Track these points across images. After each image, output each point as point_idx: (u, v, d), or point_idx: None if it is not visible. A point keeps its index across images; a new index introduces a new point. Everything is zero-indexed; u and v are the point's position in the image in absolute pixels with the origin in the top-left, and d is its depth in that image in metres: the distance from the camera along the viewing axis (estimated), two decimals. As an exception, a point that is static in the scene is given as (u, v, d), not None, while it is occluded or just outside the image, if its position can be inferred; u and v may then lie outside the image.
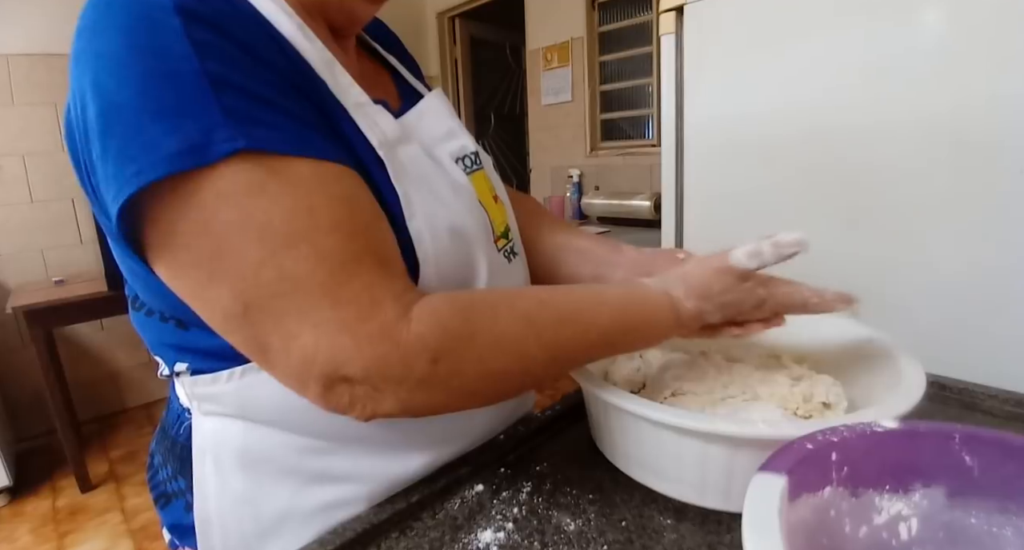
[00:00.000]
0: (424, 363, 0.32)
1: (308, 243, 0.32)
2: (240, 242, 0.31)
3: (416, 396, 0.33)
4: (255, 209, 0.31)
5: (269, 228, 0.31)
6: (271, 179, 0.31)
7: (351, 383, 0.32)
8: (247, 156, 0.31)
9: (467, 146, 0.48)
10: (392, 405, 0.33)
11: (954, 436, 0.28)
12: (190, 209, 0.31)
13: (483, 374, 0.35)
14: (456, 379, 0.34)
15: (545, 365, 0.37)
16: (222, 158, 0.30)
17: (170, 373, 0.43)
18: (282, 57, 0.35)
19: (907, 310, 0.80)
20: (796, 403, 0.44)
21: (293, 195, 0.32)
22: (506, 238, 0.49)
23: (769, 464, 0.26)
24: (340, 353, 0.31)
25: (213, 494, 0.42)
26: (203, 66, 0.30)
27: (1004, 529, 0.27)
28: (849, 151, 0.84)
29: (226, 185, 0.31)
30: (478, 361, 0.34)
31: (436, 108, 0.48)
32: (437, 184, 0.42)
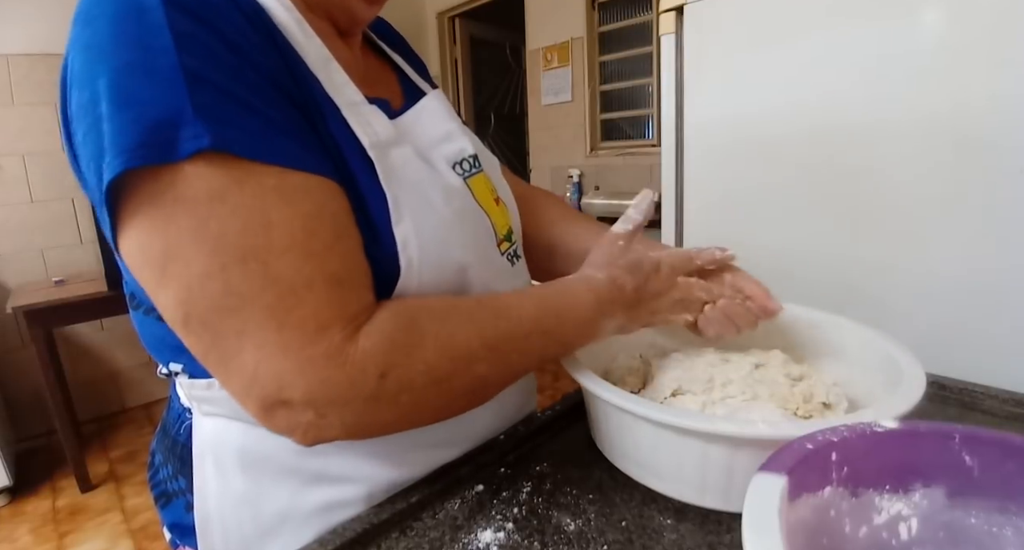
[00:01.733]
0: (372, 379, 0.32)
1: (259, 262, 0.31)
2: (191, 250, 0.31)
3: (363, 417, 0.33)
4: (211, 218, 0.31)
5: (222, 240, 0.31)
6: (233, 187, 0.31)
7: (291, 408, 0.31)
8: (212, 157, 0.30)
9: (466, 149, 0.47)
10: (338, 430, 0.33)
11: (954, 436, 0.28)
12: (150, 208, 0.31)
13: (431, 383, 0.34)
14: (405, 393, 0.33)
15: (491, 365, 0.37)
16: (188, 156, 0.30)
17: (167, 373, 0.43)
18: (272, 54, 0.35)
19: (907, 310, 0.80)
20: (796, 403, 0.44)
21: (252, 208, 0.31)
22: (509, 241, 0.49)
23: (769, 464, 0.26)
24: (281, 376, 0.31)
25: (213, 494, 0.43)
26: (181, 60, 0.30)
27: (1004, 529, 0.27)
28: (849, 151, 0.84)
29: (187, 189, 0.30)
30: (426, 370, 0.34)
31: (434, 110, 0.48)
32: (428, 188, 0.41)
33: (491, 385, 0.39)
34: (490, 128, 3.80)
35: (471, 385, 0.37)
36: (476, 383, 0.37)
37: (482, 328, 0.37)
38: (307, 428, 0.32)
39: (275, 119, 0.33)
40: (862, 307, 0.85)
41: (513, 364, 0.39)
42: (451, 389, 0.36)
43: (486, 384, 0.39)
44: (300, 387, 0.31)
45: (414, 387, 0.34)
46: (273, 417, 0.32)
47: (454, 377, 0.35)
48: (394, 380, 0.33)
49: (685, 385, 0.47)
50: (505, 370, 0.39)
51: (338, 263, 0.34)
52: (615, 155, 2.63)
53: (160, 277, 0.32)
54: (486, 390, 0.40)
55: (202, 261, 0.31)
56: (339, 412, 0.32)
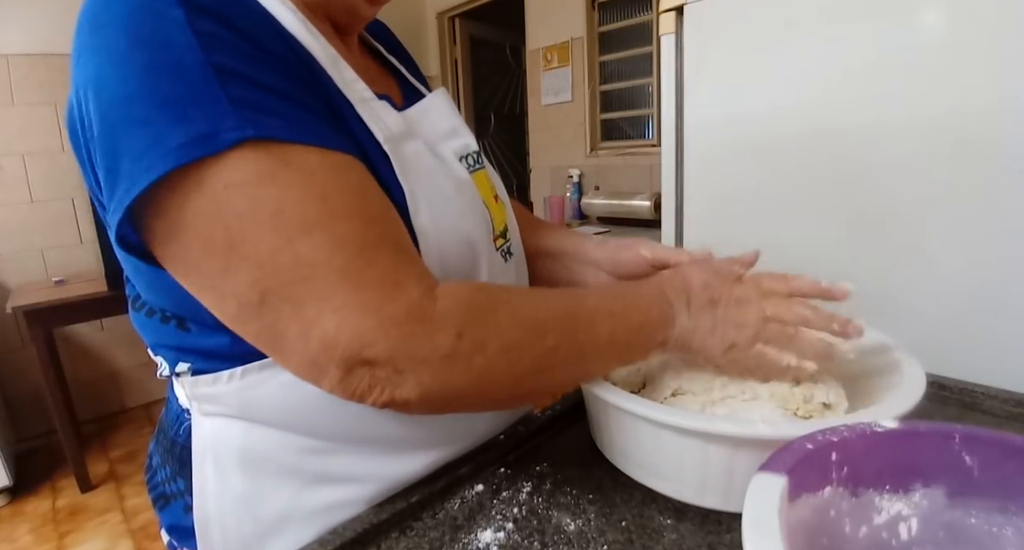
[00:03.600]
0: (450, 337, 0.32)
1: (324, 229, 0.31)
2: (254, 230, 0.31)
3: (438, 377, 0.33)
4: (266, 197, 0.31)
5: (282, 215, 0.31)
6: (281, 168, 0.31)
7: (372, 366, 0.31)
8: (255, 145, 0.31)
9: (470, 145, 0.48)
10: (412, 388, 0.32)
11: (954, 436, 0.28)
12: (200, 199, 0.31)
13: (503, 349, 0.34)
14: (479, 356, 0.33)
15: (559, 338, 0.37)
16: (230, 147, 0.30)
17: (170, 373, 0.43)
18: (286, 50, 0.35)
19: (907, 310, 0.80)
20: (796, 403, 0.44)
21: (304, 183, 0.32)
22: (504, 237, 0.50)
23: (769, 464, 0.26)
24: (365, 334, 0.31)
25: (213, 495, 0.42)
26: (207, 56, 0.30)
27: (1004, 529, 0.27)
28: (849, 151, 0.84)
29: (236, 174, 0.30)
30: (498, 334, 0.34)
31: (440, 106, 0.49)
32: (441, 181, 0.42)
33: (560, 365, 0.38)
34: (490, 128, 3.80)
35: (540, 359, 0.36)
36: (545, 357, 0.36)
37: (549, 303, 0.38)
38: (385, 385, 0.32)
39: (305, 104, 0.34)
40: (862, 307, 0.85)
41: (582, 344, 0.38)
42: (521, 360, 0.35)
43: (555, 361, 0.37)
44: (381, 343, 0.31)
45: (487, 351, 0.33)
46: (353, 378, 0.32)
47: (524, 346, 0.35)
48: (469, 340, 0.33)
49: (685, 385, 0.47)
50: (573, 349, 0.38)
51: (395, 229, 0.35)
52: (615, 155, 2.63)
53: (225, 264, 0.32)
54: (554, 371, 0.38)
55: (268, 238, 0.31)
56: (416, 369, 0.32)
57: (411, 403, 0.33)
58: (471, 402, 0.37)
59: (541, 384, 0.38)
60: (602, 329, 0.39)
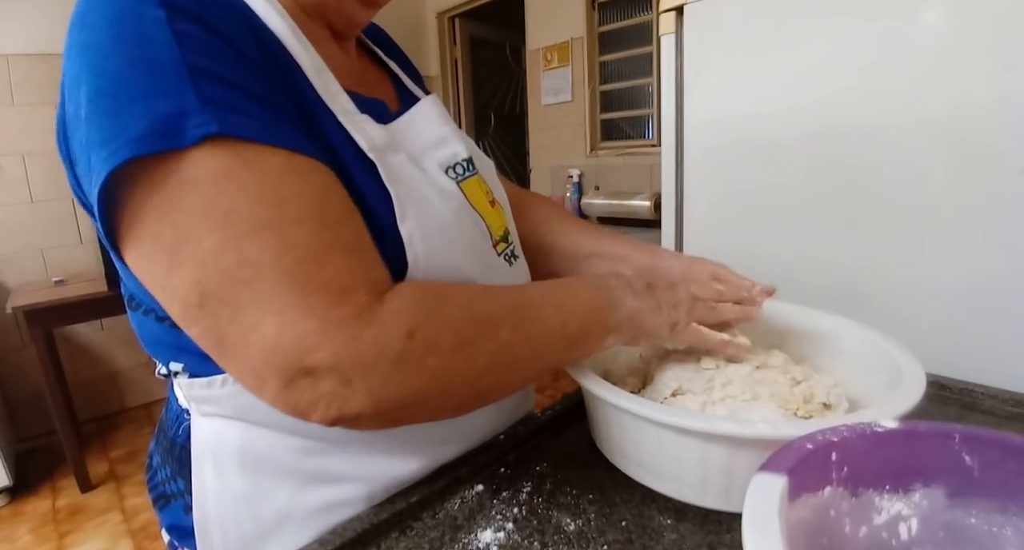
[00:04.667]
0: (399, 338, 0.31)
1: (273, 231, 0.30)
2: (201, 228, 0.30)
3: (390, 383, 0.31)
4: (220, 195, 0.30)
5: (233, 214, 0.30)
6: (240, 166, 0.31)
7: (315, 377, 0.30)
8: (219, 142, 0.30)
9: (459, 153, 0.47)
10: (362, 399, 0.31)
11: (954, 436, 0.28)
12: (155, 194, 0.30)
13: (457, 346, 0.33)
14: (432, 356, 0.32)
15: (512, 332, 0.36)
16: (194, 143, 0.29)
17: (167, 373, 0.43)
18: (266, 56, 0.35)
19: (907, 310, 0.80)
20: (796, 403, 0.44)
21: (262, 183, 0.31)
22: (506, 242, 0.49)
23: (769, 464, 0.26)
24: (306, 339, 0.29)
25: (212, 495, 0.42)
26: (183, 55, 0.30)
27: (1004, 529, 0.27)
28: (849, 151, 0.84)
29: (193, 171, 0.30)
30: (451, 330, 0.33)
31: (428, 115, 0.48)
32: (425, 190, 0.42)
33: (515, 360, 0.37)
34: (490, 128, 3.80)
35: (495, 354, 0.36)
36: (500, 352, 0.36)
37: (498, 298, 0.37)
38: (331, 400, 0.30)
39: (277, 107, 0.34)
40: (862, 307, 0.85)
41: (534, 336, 0.38)
42: (476, 357, 0.34)
43: (510, 356, 0.36)
44: (326, 348, 0.29)
45: (441, 350, 0.32)
46: (295, 390, 0.30)
47: (478, 342, 0.34)
48: (420, 340, 0.32)
49: (685, 385, 0.47)
50: (527, 341, 0.37)
51: (353, 235, 0.34)
52: (615, 155, 2.63)
53: (171, 261, 0.31)
54: (510, 367, 0.37)
55: (215, 236, 0.30)
56: (365, 377, 0.30)
57: (362, 416, 0.32)
58: (428, 408, 0.35)
59: (499, 381, 0.38)
60: (552, 318, 0.39)
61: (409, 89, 0.54)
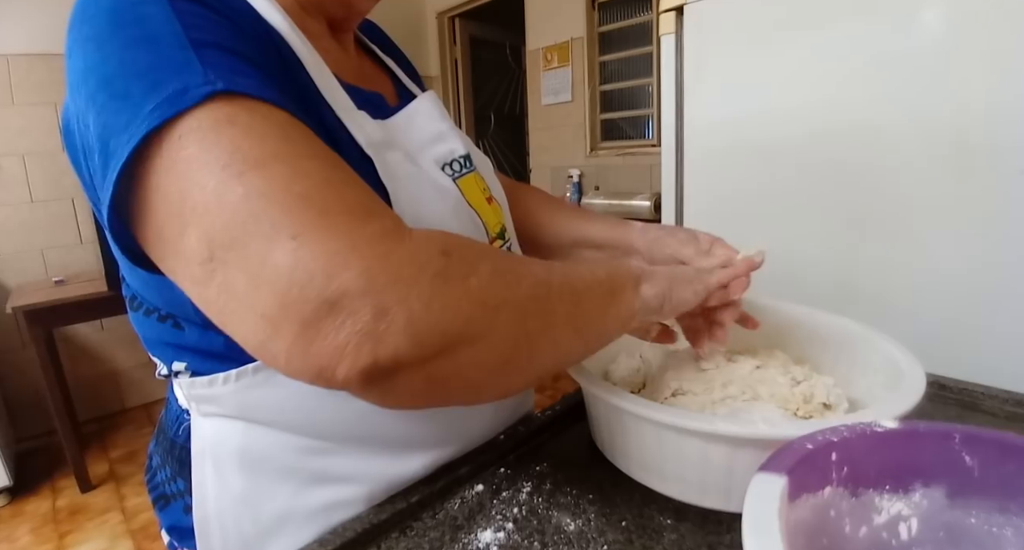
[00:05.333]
0: (436, 255, 0.27)
1: (284, 163, 0.27)
2: (201, 173, 0.27)
3: (433, 305, 0.26)
4: (221, 138, 0.27)
5: (237, 153, 0.27)
6: (243, 112, 0.28)
7: (340, 310, 0.25)
8: (224, 98, 0.28)
9: (456, 150, 0.48)
10: (401, 333, 0.25)
11: (954, 436, 0.28)
12: (162, 158, 0.28)
13: (494, 273, 0.29)
14: (473, 276, 0.28)
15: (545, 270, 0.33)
16: (198, 102, 0.27)
17: (168, 373, 0.43)
18: (268, 41, 0.35)
19: (907, 310, 0.80)
20: (796, 403, 0.44)
21: (266, 126, 0.28)
22: (502, 239, 0.50)
23: (769, 464, 0.26)
24: (330, 260, 0.25)
25: (212, 495, 0.42)
26: (184, 30, 0.30)
27: (1004, 529, 0.27)
28: (849, 151, 0.84)
29: (195, 123, 0.28)
30: (486, 258, 0.30)
31: (426, 111, 0.48)
32: (421, 186, 0.42)
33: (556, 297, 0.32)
34: (490, 128, 3.80)
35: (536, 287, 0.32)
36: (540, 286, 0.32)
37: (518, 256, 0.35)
38: (362, 340, 0.25)
39: (277, 83, 0.33)
40: (862, 307, 0.85)
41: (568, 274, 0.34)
42: (518, 283, 0.30)
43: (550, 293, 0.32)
44: (355, 267, 0.25)
45: (479, 271, 0.29)
46: (315, 336, 0.25)
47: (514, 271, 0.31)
48: (458, 259, 0.28)
49: (685, 385, 0.47)
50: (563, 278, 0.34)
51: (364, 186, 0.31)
52: (615, 155, 2.63)
53: (181, 221, 0.28)
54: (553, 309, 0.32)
55: (215, 177, 0.27)
56: (404, 298, 0.25)
57: (402, 362, 0.26)
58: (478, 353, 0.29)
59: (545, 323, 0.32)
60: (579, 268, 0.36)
61: (407, 86, 0.54)
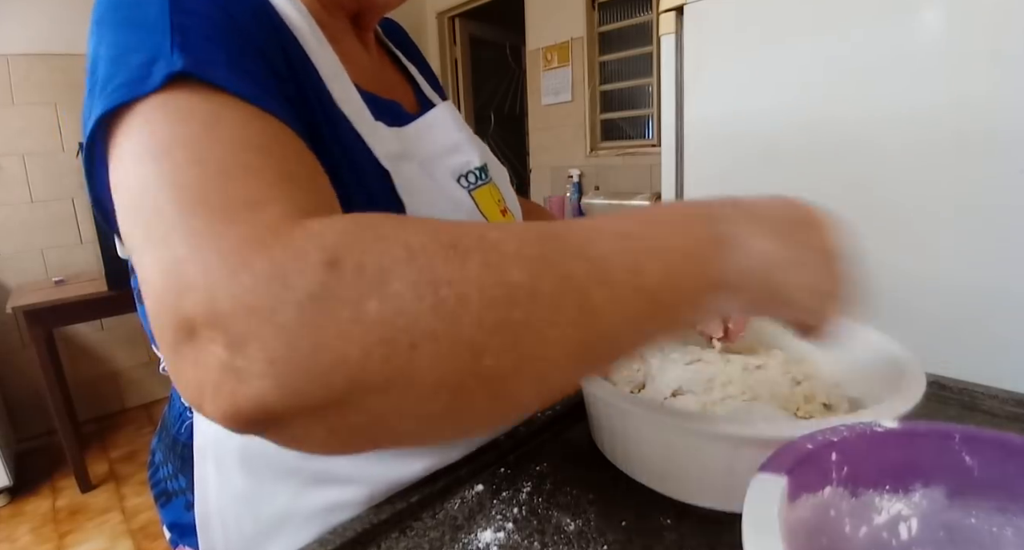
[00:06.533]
0: (314, 267, 0.19)
1: (187, 148, 0.24)
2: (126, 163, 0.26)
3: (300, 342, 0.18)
4: (153, 124, 0.25)
5: (152, 140, 0.25)
6: (190, 98, 0.26)
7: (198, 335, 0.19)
8: (185, 85, 0.26)
9: (472, 161, 0.47)
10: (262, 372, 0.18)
11: (954, 436, 0.28)
12: (117, 145, 0.27)
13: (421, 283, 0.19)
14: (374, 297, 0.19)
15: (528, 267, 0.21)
16: (159, 85, 0.26)
17: None
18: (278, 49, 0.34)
19: (907, 310, 0.80)
20: (797, 403, 0.44)
21: (203, 111, 0.26)
22: None
23: (769, 464, 0.26)
24: (181, 274, 0.20)
25: (214, 493, 0.43)
26: (173, 17, 0.28)
27: (1004, 529, 0.27)
28: (849, 151, 0.84)
29: (145, 109, 0.26)
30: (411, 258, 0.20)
31: (442, 121, 0.48)
32: (435, 200, 0.41)
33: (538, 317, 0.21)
34: (490, 128, 3.80)
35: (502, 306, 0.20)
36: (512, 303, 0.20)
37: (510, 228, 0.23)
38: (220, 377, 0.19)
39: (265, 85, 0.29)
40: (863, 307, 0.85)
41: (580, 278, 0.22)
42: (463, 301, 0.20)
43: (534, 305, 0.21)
44: (199, 287, 0.20)
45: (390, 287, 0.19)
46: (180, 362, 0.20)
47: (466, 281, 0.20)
48: (353, 271, 0.19)
49: (685, 385, 0.47)
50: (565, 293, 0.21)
51: (298, 167, 0.26)
52: (615, 155, 2.63)
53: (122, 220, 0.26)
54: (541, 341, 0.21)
55: (130, 169, 0.25)
56: (257, 333, 0.19)
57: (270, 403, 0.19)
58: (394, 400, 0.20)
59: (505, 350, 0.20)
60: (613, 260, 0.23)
61: (425, 94, 0.54)
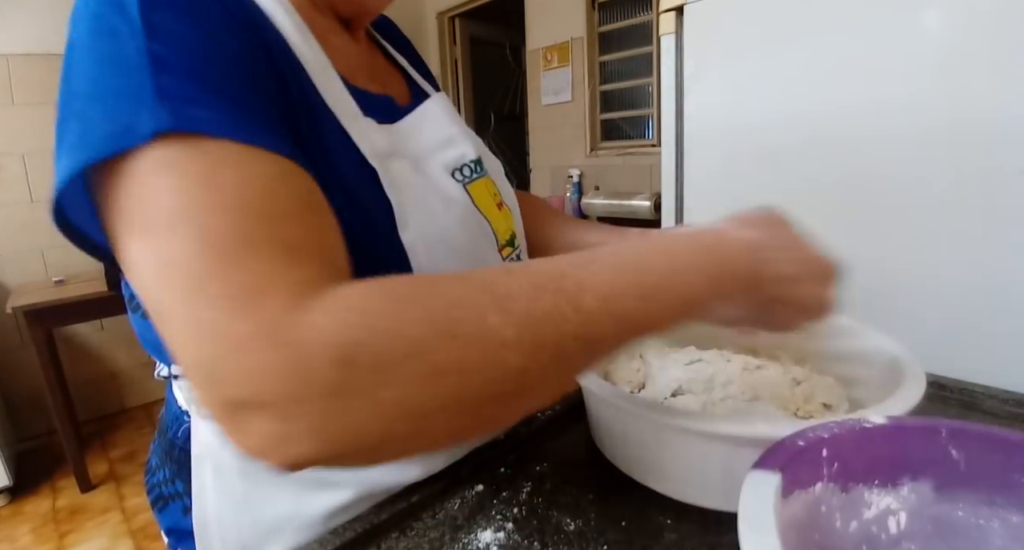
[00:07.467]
0: (327, 364, 0.23)
1: (192, 223, 0.25)
2: (129, 232, 0.27)
3: (334, 420, 0.23)
4: (152, 188, 0.26)
5: (158, 209, 0.26)
6: (183, 158, 0.27)
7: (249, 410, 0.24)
8: (173, 138, 0.27)
9: (466, 154, 0.47)
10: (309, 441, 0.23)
11: (941, 431, 0.29)
12: (107, 198, 0.28)
13: (427, 374, 0.24)
14: (388, 387, 0.23)
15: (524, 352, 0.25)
16: (146, 141, 0.26)
17: (168, 374, 0.43)
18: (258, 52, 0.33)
19: (907, 310, 0.81)
20: (797, 403, 0.45)
21: (201, 173, 0.26)
22: (512, 246, 0.49)
23: (763, 462, 0.26)
24: (215, 366, 0.24)
25: (212, 497, 0.42)
26: (149, 46, 0.28)
27: (991, 521, 0.27)
28: (849, 151, 0.85)
29: (136, 167, 0.27)
30: (416, 353, 0.24)
31: (436, 114, 0.48)
32: (427, 197, 0.41)
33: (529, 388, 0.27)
34: (490, 128, 3.80)
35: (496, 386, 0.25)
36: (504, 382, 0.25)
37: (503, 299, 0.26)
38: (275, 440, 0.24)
39: (247, 104, 0.30)
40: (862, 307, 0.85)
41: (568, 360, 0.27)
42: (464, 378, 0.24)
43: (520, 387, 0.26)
44: (239, 378, 0.23)
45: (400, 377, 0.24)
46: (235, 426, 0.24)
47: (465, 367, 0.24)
48: (366, 367, 0.23)
49: (685, 385, 0.47)
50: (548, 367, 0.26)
51: (299, 230, 0.28)
52: (615, 155, 2.63)
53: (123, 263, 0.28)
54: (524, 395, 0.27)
55: (136, 239, 0.27)
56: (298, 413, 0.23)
57: (320, 460, 0.24)
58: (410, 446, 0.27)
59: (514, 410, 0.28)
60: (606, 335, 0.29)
61: (419, 85, 0.53)
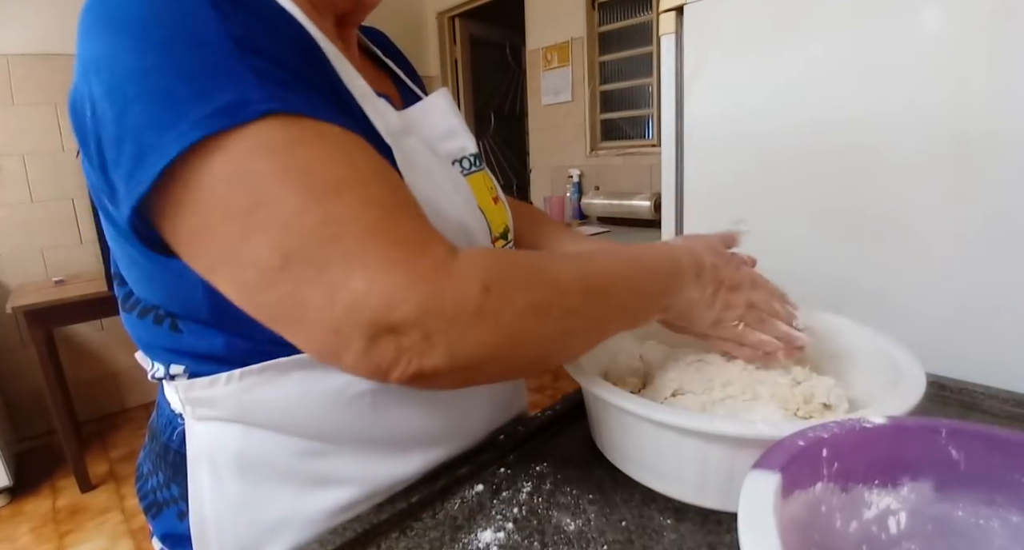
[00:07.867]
0: (477, 292, 0.31)
1: (352, 190, 0.31)
2: (280, 190, 0.30)
3: (468, 336, 0.31)
4: (294, 158, 0.30)
5: (311, 175, 0.31)
6: (307, 133, 0.31)
7: (398, 332, 0.30)
8: (279, 117, 0.31)
9: (467, 147, 0.49)
10: (441, 354, 0.31)
11: (940, 430, 0.29)
12: (223, 164, 0.30)
13: (529, 307, 0.33)
14: (507, 312, 0.32)
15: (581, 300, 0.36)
16: (257, 118, 0.30)
17: (163, 376, 0.42)
18: (297, 38, 0.36)
19: (907, 310, 0.81)
20: (797, 404, 0.45)
21: (330, 147, 0.32)
22: (504, 239, 0.50)
23: (762, 462, 0.26)
24: (394, 292, 0.29)
25: (209, 501, 0.41)
26: (229, 30, 0.31)
27: (991, 521, 0.27)
28: (849, 151, 0.85)
29: (261, 138, 0.30)
30: (524, 290, 0.33)
31: (440, 106, 0.49)
32: (439, 176, 0.42)
33: (580, 329, 0.38)
34: (490, 128, 3.80)
35: (563, 320, 0.36)
36: (568, 318, 0.36)
37: (567, 265, 0.37)
38: (412, 355, 0.31)
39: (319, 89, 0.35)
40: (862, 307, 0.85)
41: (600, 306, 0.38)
42: (547, 319, 0.35)
43: (576, 325, 0.37)
44: (412, 301, 0.30)
45: (514, 307, 0.32)
46: (378, 348, 0.30)
47: (549, 305, 0.34)
48: (496, 295, 0.32)
49: (685, 385, 0.47)
50: (592, 311, 0.38)
51: (414, 199, 0.35)
52: (615, 155, 2.63)
53: (247, 226, 0.30)
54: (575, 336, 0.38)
55: (295, 196, 0.30)
56: (446, 330, 0.30)
57: (439, 372, 0.32)
58: (499, 366, 0.36)
59: (563, 347, 0.38)
60: (620, 296, 0.40)
61: (411, 88, 0.55)
